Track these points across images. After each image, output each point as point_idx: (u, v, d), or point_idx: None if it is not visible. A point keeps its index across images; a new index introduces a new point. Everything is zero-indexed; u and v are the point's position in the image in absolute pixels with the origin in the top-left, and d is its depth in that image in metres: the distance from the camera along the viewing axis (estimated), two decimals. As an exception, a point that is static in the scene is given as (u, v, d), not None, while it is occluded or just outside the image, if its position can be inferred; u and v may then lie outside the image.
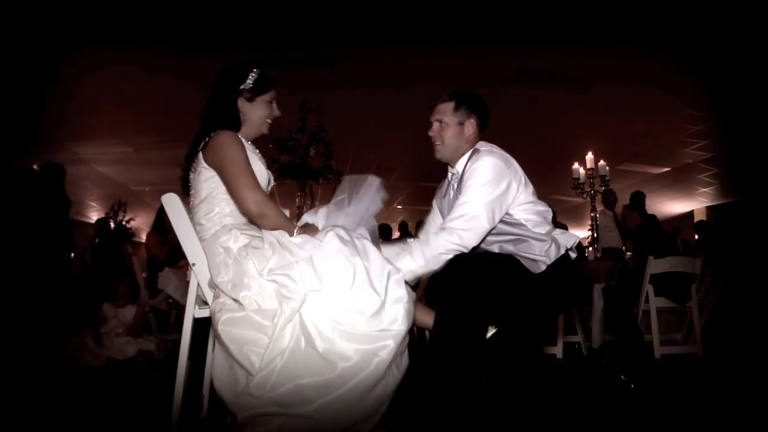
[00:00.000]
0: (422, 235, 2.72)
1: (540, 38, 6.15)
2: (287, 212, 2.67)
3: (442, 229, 2.44)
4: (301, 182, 5.29)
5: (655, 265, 4.62)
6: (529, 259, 2.45)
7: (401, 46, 6.34)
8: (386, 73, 7.15)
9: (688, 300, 4.78)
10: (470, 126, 2.64)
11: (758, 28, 5.65)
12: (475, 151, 2.58)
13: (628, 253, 7.05)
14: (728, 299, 5.91)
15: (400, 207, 13.82)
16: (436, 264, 2.38)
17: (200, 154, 2.31)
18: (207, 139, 2.31)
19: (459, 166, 2.63)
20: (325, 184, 5.43)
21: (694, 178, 11.76)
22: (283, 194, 5.77)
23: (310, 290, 1.93)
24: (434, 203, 2.91)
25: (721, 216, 12.97)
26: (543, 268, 2.43)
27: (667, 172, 11.27)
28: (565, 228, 3.19)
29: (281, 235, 2.14)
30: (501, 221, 2.48)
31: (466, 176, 2.50)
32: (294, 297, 1.90)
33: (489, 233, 2.47)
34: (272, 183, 2.53)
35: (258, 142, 2.57)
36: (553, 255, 2.45)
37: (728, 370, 4.42)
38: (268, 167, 2.53)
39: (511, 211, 2.50)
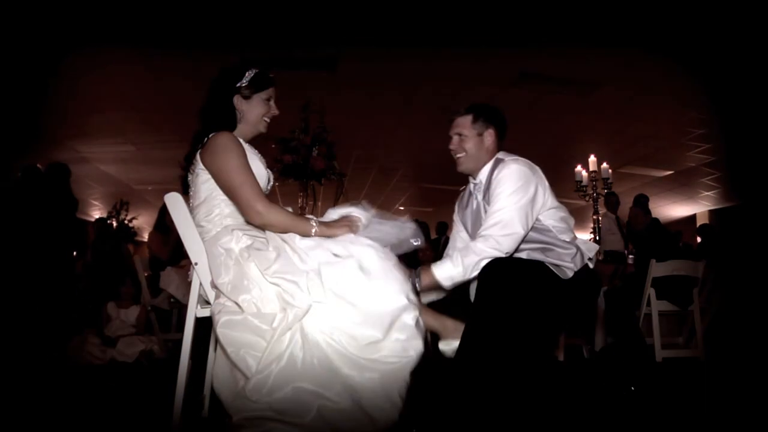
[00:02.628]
0: (449, 250, 2.81)
1: (544, 42, 6.15)
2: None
3: (480, 236, 2.47)
4: (303, 183, 5.30)
5: (657, 269, 4.61)
6: (557, 266, 2.49)
7: (405, 48, 6.34)
8: (389, 75, 7.15)
9: (689, 304, 4.77)
10: (489, 136, 2.70)
11: (761, 32, 5.65)
12: (499, 161, 2.64)
13: (630, 256, 7.04)
14: (730, 303, 5.89)
15: (402, 208, 13.82)
16: (474, 270, 2.40)
17: (198, 156, 2.30)
18: (205, 139, 2.30)
19: (481, 175, 2.69)
20: (328, 185, 5.44)
21: (696, 182, 11.76)
22: (286, 194, 5.78)
23: (315, 301, 1.92)
24: (456, 218, 2.95)
25: (723, 220, 12.95)
26: (570, 275, 2.48)
27: (669, 175, 11.27)
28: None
29: (291, 237, 2.13)
30: (531, 228, 2.52)
31: (493, 185, 2.55)
32: (299, 305, 1.90)
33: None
34: (272, 182, 2.52)
35: (260, 142, 2.57)
36: (578, 263, 2.52)
37: (729, 374, 4.41)
38: (271, 167, 2.53)
39: (539, 217, 2.55)
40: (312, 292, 1.93)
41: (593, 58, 6.51)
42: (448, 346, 2.35)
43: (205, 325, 2.27)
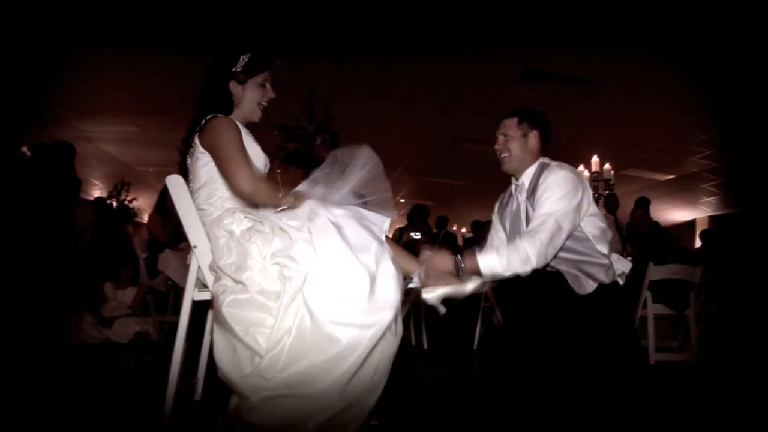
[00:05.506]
0: (487, 248, 2.83)
1: (549, 41, 6.14)
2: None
3: (526, 234, 2.50)
4: (306, 171, 5.29)
5: (655, 272, 4.62)
6: (588, 276, 2.55)
7: (411, 43, 6.32)
8: (395, 69, 7.13)
9: (685, 308, 4.77)
10: (533, 138, 2.77)
11: (765, 38, 5.65)
12: (545, 165, 2.71)
13: (629, 258, 7.03)
14: (726, 309, 5.90)
15: (403, 200, 13.81)
16: (516, 269, 2.42)
17: (196, 139, 2.31)
18: (203, 122, 2.30)
19: (525, 177, 2.75)
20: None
21: (698, 187, 11.75)
22: (288, 182, 5.78)
23: (310, 269, 1.94)
24: (494, 218, 3.00)
25: (723, 226, 12.95)
26: (590, 290, 2.52)
27: (671, 179, 11.26)
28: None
29: (278, 218, 2.15)
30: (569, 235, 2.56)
31: (540, 189, 2.60)
32: (295, 276, 1.91)
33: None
34: (268, 166, 2.52)
35: (263, 129, 2.56)
36: (611, 276, 2.58)
37: (721, 380, 4.42)
38: (274, 154, 2.53)
39: (580, 223, 2.60)
40: (306, 260, 1.95)
41: (598, 59, 6.50)
42: (430, 293, 2.39)
43: (201, 309, 2.27)
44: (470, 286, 2.41)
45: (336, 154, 2.45)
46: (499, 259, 2.43)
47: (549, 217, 2.49)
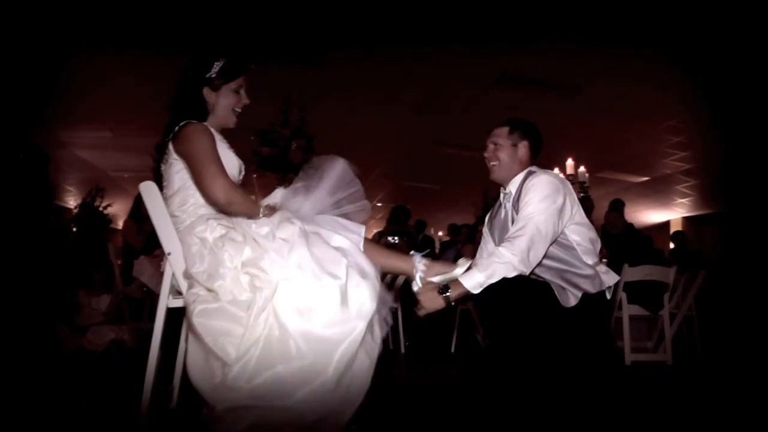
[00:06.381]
0: (477, 260, 2.86)
1: (525, 44, 6.19)
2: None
3: (506, 240, 2.51)
4: (281, 176, 5.28)
5: (629, 273, 4.66)
6: (573, 285, 2.55)
7: (387, 47, 6.33)
8: (371, 73, 7.14)
9: (660, 309, 4.83)
10: (523, 148, 2.82)
11: (743, 43, 5.74)
12: (530, 172, 2.75)
13: (604, 260, 7.10)
14: (700, 309, 5.98)
15: (380, 204, 13.82)
16: (502, 275, 2.43)
17: (171, 145, 2.29)
18: (177, 129, 2.28)
19: (512, 186, 2.78)
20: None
21: (671, 189, 11.89)
22: (264, 186, 5.76)
23: (280, 279, 1.93)
24: (484, 230, 3.02)
25: (696, 227, 13.12)
26: (573, 302, 2.53)
27: (645, 181, 11.39)
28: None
29: (248, 226, 2.13)
30: (554, 242, 2.56)
31: (523, 193, 2.63)
32: (266, 286, 1.90)
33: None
34: (243, 172, 2.51)
35: (239, 133, 2.55)
36: (597, 287, 2.58)
37: (695, 379, 4.48)
38: (249, 159, 2.52)
39: (565, 230, 2.60)
40: (276, 270, 1.94)
41: (574, 62, 6.56)
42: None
43: (176, 316, 2.26)
44: (460, 270, 2.47)
45: (311, 166, 2.44)
46: (483, 273, 2.43)
47: (529, 219, 2.49)
